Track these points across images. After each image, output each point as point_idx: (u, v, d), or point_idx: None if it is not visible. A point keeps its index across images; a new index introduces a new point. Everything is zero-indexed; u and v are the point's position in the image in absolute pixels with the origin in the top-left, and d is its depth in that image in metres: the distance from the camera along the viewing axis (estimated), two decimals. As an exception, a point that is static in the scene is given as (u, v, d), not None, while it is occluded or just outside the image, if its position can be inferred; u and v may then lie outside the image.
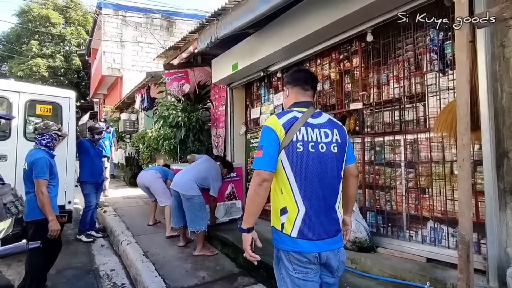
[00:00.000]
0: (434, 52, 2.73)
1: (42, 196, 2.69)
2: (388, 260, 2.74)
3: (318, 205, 1.50)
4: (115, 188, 7.97)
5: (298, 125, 1.51)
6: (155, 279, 2.95)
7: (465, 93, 1.90)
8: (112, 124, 12.15)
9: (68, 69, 21.49)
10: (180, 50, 4.44)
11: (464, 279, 1.81)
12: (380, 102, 3.12)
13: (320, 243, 1.49)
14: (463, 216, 1.87)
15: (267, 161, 1.47)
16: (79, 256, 3.90)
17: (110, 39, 13.27)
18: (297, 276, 1.48)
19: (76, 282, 3.18)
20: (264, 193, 1.49)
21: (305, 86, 1.67)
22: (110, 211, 5.53)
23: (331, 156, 1.55)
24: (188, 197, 3.50)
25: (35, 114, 3.70)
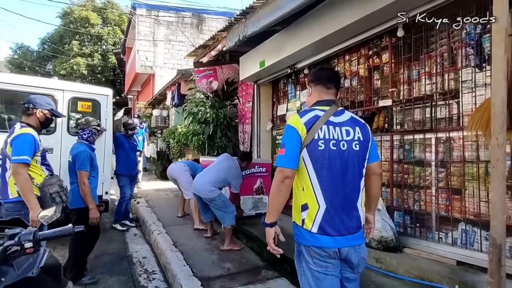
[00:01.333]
0: (470, 47, 2.61)
1: (84, 186, 2.92)
2: (415, 261, 2.68)
3: (339, 202, 1.52)
4: (147, 181, 8.37)
5: (320, 123, 1.53)
6: (183, 268, 3.11)
7: (502, 90, 1.82)
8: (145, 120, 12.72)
9: (105, 67, 22.67)
10: (209, 48, 4.56)
11: (495, 284, 1.75)
12: (411, 99, 3.03)
13: (340, 239, 1.51)
14: (496, 219, 1.80)
15: (289, 159, 1.51)
16: (114, 243, 4.18)
17: (143, 38, 13.83)
18: (317, 269, 1.52)
19: (112, 267, 3.43)
20: (286, 189, 1.53)
21: (328, 84, 1.68)
22: (142, 202, 5.84)
23: (353, 154, 1.55)
24: (208, 200, 3.61)
25: (77, 111, 4.00)
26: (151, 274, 3.32)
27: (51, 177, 2.42)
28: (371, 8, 2.77)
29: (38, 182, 2.31)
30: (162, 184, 7.78)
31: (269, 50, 4.30)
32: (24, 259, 1.30)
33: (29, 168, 2.24)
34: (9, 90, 3.77)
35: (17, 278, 1.23)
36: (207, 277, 2.97)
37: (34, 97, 2.38)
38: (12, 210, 2.20)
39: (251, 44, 4.50)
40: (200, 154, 6.18)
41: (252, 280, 2.89)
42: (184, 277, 2.92)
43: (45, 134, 3.60)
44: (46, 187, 2.31)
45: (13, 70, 22.43)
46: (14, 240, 1.28)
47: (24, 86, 3.71)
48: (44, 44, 23.87)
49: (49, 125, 2.55)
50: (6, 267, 1.25)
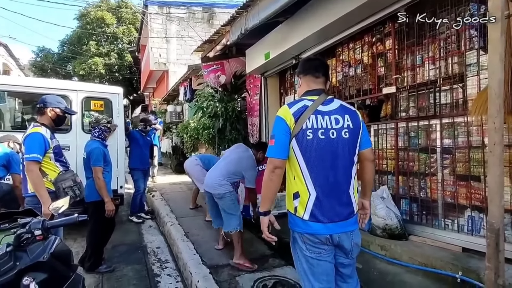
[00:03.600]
0: (474, 29, 2.53)
1: (98, 181, 3.09)
2: (420, 248, 2.67)
3: (329, 190, 1.55)
4: (162, 175, 8.62)
5: (308, 113, 1.56)
6: (193, 257, 3.24)
7: (498, 73, 1.78)
8: (160, 115, 13.02)
9: (122, 65, 23.23)
10: (215, 43, 4.62)
11: (492, 268, 1.75)
12: (415, 85, 2.98)
13: (331, 225, 1.54)
14: (493, 203, 1.79)
15: (278, 149, 1.56)
16: (130, 234, 4.39)
17: (156, 35, 14.06)
18: (311, 255, 1.57)
19: (128, 256, 3.62)
20: (277, 179, 1.58)
21: (316, 74, 1.70)
22: (157, 195, 6.05)
23: (343, 142, 1.57)
24: (218, 196, 3.09)
25: (90, 109, 4.19)
26: (164, 263, 3.48)
27: (65, 173, 2.58)
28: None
29: (52, 177, 2.47)
30: (177, 178, 8.00)
31: (273, 42, 4.30)
32: (36, 246, 1.43)
33: (42, 164, 2.39)
34: (28, 92, 4.00)
35: (30, 262, 1.37)
36: (215, 265, 3.08)
37: (45, 96, 2.53)
38: (31, 203, 2.37)
39: (256, 36, 4.52)
40: (212, 148, 6.30)
41: (260, 268, 2.96)
42: (194, 265, 3.05)
43: (61, 132, 3.81)
44: (59, 182, 2.47)
45: (36, 73, 23.45)
46: (25, 228, 1.42)
47: (41, 88, 3.92)
48: (63, 46, 24.71)
49: (62, 123, 2.69)
50: (20, 253, 1.39)
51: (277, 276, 2.84)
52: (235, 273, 2.93)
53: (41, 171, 2.41)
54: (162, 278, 3.14)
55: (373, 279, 2.41)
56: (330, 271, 1.60)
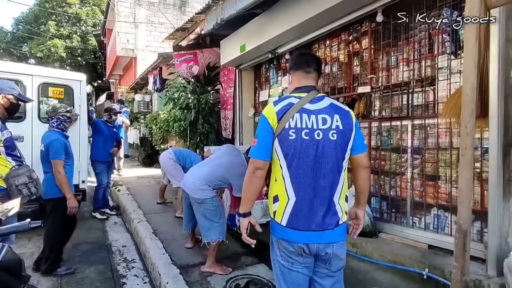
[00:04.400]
0: (446, 33, 2.59)
1: (59, 176, 2.83)
2: (389, 246, 2.75)
3: (311, 196, 1.45)
4: (129, 167, 8.24)
5: (292, 111, 1.46)
6: (162, 256, 3.10)
7: (472, 78, 1.82)
8: (128, 104, 12.40)
9: (85, 49, 21.77)
10: (188, 31, 4.40)
11: (459, 268, 1.81)
12: (389, 86, 3.03)
13: (310, 234, 1.44)
14: (463, 205, 1.84)
15: (260, 149, 1.48)
16: (93, 232, 4.13)
17: (123, 19, 13.28)
18: (283, 263, 1.51)
19: (90, 256, 3.39)
20: (258, 181, 1.51)
21: (307, 69, 1.60)
22: (123, 190, 5.76)
23: (329, 144, 1.46)
24: (198, 201, 2.77)
25: (48, 97, 3.83)
26: (131, 263, 3.31)
27: (19, 168, 2.32)
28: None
29: (3, 173, 2.22)
30: (145, 171, 7.69)
31: (249, 34, 4.19)
32: (-20, 256, 1.25)
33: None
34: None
35: (-28, 276, 1.19)
36: (186, 264, 2.98)
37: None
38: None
39: (232, 27, 4.37)
40: (183, 140, 6.09)
41: (232, 267, 2.91)
42: (163, 265, 2.92)
43: (14, 121, 3.43)
44: (11, 178, 2.22)
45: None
46: (-34, 238, 1.23)
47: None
48: (18, 24, 22.66)
49: (16, 111, 2.42)
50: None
51: (250, 274, 2.80)
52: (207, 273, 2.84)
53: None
54: (129, 279, 2.98)
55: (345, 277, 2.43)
56: (303, 282, 1.53)
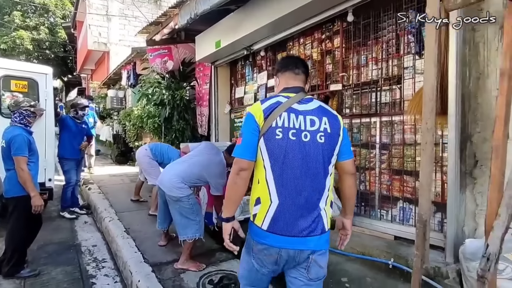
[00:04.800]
0: (411, 34, 2.72)
1: (22, 173, 2.69)
2: (359, 238, 2.85)
3: (294, 200, 1.37)
4: (101, 165, 7.96)
5: (280, 110, 1.39)
6: (134, 254, 3.03)
7: (432, 78, 1.92)
8: (100, 100, 11.96)
9: (54, 42, 20.69)
10: (162, 25, 4.32)
11: (420, 256, 1.91)
12: (359, 84, 3.13)
13: (291, 240, 1.36)
14: (423, 197, 1.94)
15: (245, 149, 1.39)
16: (61, 232, 3.96)
17: (95, 11, 12.76)
18: (253, 262, 1.45)
19: (57, 257, 3.26)
20: (242, 182, 1.40)
21: (296, 70, 1.56)
22: (94, 188, 5.56)
23: (316, 147, 1.40)
24: (174, 198, 2.71)
25: (10, 90, 3.62)
26: (101, 263, 3.21)
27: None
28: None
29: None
30: (118, 169, 7.46)
31: (225, 30, 4.17)
32: None
33: None
34: None
35: None
36: (159, 262, 2.93)
37: None
38: None
39: (208, 22, 4.33)
40: (157, 137, 5.97)
41: (206, 263, 2.90)
42: (135, 264, 2.86)
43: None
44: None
45: None
46: None
47: None
48: (-21, 14, 21.16)
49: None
50: None
51: (224, 270, 2.81)
52: (180, 270, 2.82)
53: None
54: (98, 279, 2.89)
55: (316, 269, 2.52)
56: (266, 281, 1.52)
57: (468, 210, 2.15)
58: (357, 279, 2.36)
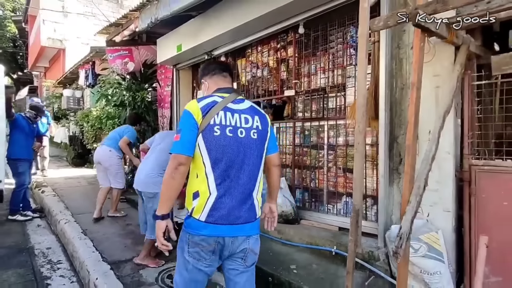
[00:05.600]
0: (353, 48, 3.07)
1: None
2: (308, 230, 3.13)
3: (232, 190, 1.49)
4: (56, 168, 7.61)
5: (217, 109, 1.49)
6: (92, 254, 3.05)
7: (363, 88, 2.23)
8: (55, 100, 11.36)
9: (2, 36, 19.17)
10: (122, 27, 4.33)
11: (353, 241, 2.21)
12: (309, 91, 3.44)
13: (225, 228, 1.47)
14: (356, 190, 2.24)
15: (184, 145, 1.45)
16: (12, 236, 3.82)
17: (50, 6, 12.11)
18: (189, 260, 1.49)
19: (8, 260, 3.16)
20: (180, 177, 1.45)
21: (224, 73, 1.70)
22: (48, 191, 5.35)
23: (250, 142, 1.53)
24: (150, 195, 2.82)
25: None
26: (56, 264, 3.18)
27: None
28: (277, 3, 3.00)
29: None
30: (75, 172, 7.19)
31: (186, 35, 4.29)
32: None
33: None
34: None
35: None
36: (117, 260, 2.98)
37: None
38: None
39: (169, 26, 4.42)
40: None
41: (165, 259, 3.00)
42: (92, 263, 2.89)
43: None
44: None
45: None
46: None
47: None
48: None
49: None
50: None
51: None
52: (139, 266, 2.90)
53: None
54: (54, 280, 2.88)
55: (268, 259, 2.74)
56: (202, 280, 1.56)
57: (395, 201, 2.50)
58: (304, 266, 2.62)
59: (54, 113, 11.09)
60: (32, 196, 5.24)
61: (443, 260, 2.09)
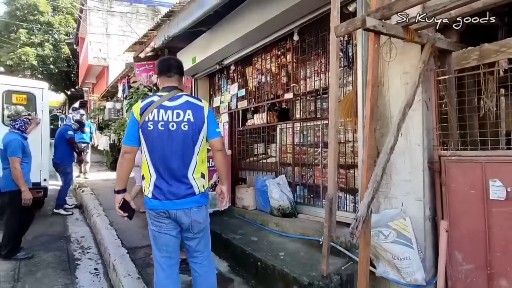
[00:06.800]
0: (342, 51, 3.26)
1: (15, 171, 3.23)
2: (303, 223, 3.34)
3: (166, 173, 1.82)
4: (96, 171, 8.53)
5: (152, 107, 1.81)
6: (114, 241, 3.55)
7: (335, 87, 2.45)
8: (99, 112, 12.62)
9: (58, 58, 21.66)
10: (145, 44, 4.91)
11: (327, 227, 2.41)
12: (305, 93, 3.67)
13: (167, 203, 1.82)
14: (330, 180, 2.45)
15: (127, 137, 1.86)
16: (55, 226, 4.49)
17: (95, 29, 13.56)
18: (153, 228, 1.90)
19: (49, 245, 3.77)
20: (126, 162, 1.86)
21: (168, 73, 1.95)
22: (87, 191, 6.10)
23: (182, 133, 1.82)
24: None
25: (12, 103, 4.20)
26: (86, 249, 3.72)
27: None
28: (273, 13, 3.29)
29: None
30: (112, 175, 8.00)
31: (199, 48, 4.75)
32: None
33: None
34: None
35: None
36: (134, 247, 3.44)
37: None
38: None
39: (186, 40, 4.91)
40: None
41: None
42: (114, 248, 3.37)
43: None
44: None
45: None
46: None
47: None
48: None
49: None
50: None
51: (188, 252, 3.30)
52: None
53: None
54: (83, 261, 3.40)
55: (262, 247, 3.00)
56: (171, 242, 1.90)
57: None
58: (292, 253, 2.83)
59: (99, 124, 12.32)
60: (75, 194, 6.01)
61: (412, 246, 2.20)
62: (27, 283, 2.83)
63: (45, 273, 3.04)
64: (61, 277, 2.99)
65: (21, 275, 2.99)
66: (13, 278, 2.92)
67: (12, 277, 2.95)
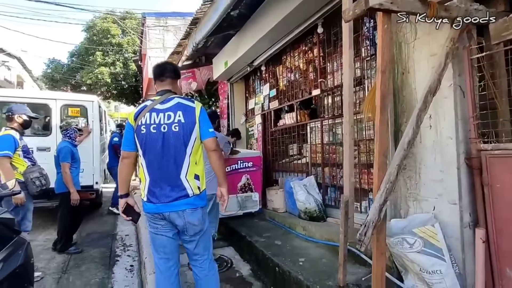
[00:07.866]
0: (368, 40, 2.97)
1: (65, 175, 3.64)
2: (330, 227, 3.10)
3: (160, 175, 1.80)
4: (152, 175, 9.24)
5: (144, 112, 1.83)
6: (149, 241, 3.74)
7: (349, 78, 2.23)
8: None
9: (127, 74, 24.17)
10: (181, 54, 5.16)
11: (343, 232, 2.18)
12: (333, 88, 3.42)
13: (160, 205, 1.80)
14: (346, 181, 2.23)
15: (124, 142, 1.88)
16: (106, 225, 4.95)
17: (154, 45, 14.81)
18: (151, 230, 1.93)
19: (97, 242, 4.17)
20: (125, 167, 1.88)
21: (161, 78, 1.95)
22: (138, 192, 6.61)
23: (173, 135, 1.80)
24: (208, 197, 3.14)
25: (68, 115, 4.78)
26: (128, 247, 4.01)
27: (33, 167, 3.14)
28: (294, 2, 3.15)
29: (21, 170, 3.04)
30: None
31: (229, 52, 4.81)
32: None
33: (13, 160, 2.95)
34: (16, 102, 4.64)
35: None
36: (166, 246, 3.58)
37: (12, 105, 3.12)
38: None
39: (220, 46, 5.04)
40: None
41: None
42: (147, 246, 3.54)
43: (43, 136, 4.43)
44: (27, 173, 3.03)
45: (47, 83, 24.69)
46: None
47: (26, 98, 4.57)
48: (72, 57, 25.96)
49: (29, 126, 3.27)
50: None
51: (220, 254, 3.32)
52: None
53: (12, 165, 2.97)
54: (122, 258, 3.66)
55: (284, 251, 2.86)
56: (167, 244, 1.90)
57: (403, 195, 2.30)
58: (313, 260, 2.63)
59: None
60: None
61: (444, 257, 1.86)
62: (71, 275, 3.14)
63: (88, 267, 3.35)
64: (100, 271, 3.25)
65: (68, 268, 3.33)
66: (62, 270, 3.27)
67: (62, 269, 3.31)
